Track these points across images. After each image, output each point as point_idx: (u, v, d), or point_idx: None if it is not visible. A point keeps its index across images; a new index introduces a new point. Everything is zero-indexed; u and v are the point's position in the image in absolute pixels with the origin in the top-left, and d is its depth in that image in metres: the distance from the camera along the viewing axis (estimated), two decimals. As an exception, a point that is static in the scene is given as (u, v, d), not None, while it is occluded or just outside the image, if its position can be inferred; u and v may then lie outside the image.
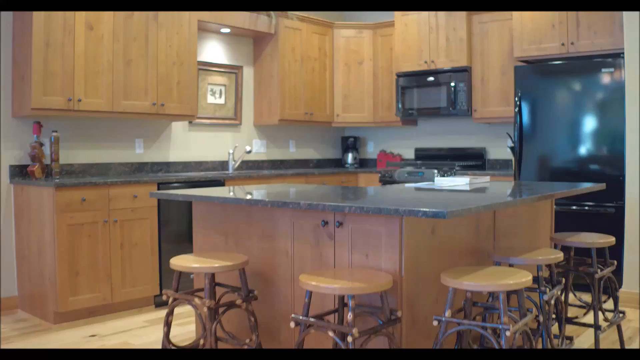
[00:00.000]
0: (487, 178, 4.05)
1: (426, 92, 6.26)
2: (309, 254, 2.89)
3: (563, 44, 5.21)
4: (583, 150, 5.01)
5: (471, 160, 6.40)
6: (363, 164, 7.35)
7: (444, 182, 3.88)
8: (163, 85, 5.18)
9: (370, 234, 2.64)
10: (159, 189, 4.82)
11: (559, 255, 2.97)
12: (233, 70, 6.18)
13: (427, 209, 2.24)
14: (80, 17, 4.64)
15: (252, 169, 6.38)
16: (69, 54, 4.58)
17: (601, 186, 3.82)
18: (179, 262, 2.91)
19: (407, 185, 3.66)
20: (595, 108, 4.95)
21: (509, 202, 2.63)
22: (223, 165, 6.14)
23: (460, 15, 5.97)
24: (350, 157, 7.12)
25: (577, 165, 5.04)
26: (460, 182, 3.81)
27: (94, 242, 4.48)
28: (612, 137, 4.88)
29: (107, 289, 4.54)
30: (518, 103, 5.30)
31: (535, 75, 5.23)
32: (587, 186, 3.59)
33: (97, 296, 4.49)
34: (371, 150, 7.32)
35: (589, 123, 4.97)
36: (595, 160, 4.96)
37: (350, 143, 7.14)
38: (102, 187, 4.50)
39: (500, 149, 6.30)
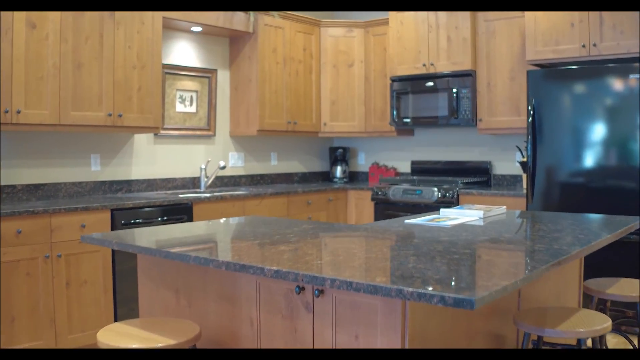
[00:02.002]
0: (503, 208, 3.35)
1: (424, 98, 5.56)
2: (279, 327, 2.18)
3: (584, 46, 4.52)
4: (607, 168, 4.32)
5: (475, 175, 5.71)
6: (353, 177, 6.64)
7: (451, 214, 3.18)
8: (121, 92, 4.46)
9: (360, 307, 1.94)
10: (112, 216, 4.10)
11: (606, 325, 2.27)
12: (206, 74, 5.45)
13: (444, 294, 1.53)
14: (20, 14, 3.90)
15: (227, 186, 5.66)
16: (6, 57, 3.85)
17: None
18: (108, 337, 2.19)
19: (407, 221, 2.97)
20: (621, 119, 4.26)
21: (550, 266, 1.93)
22: (194, 182, 5.41)
23: (464, 12, 5.26)
24: (339, 171, 6.40)
25: (600, 185, 4.35)
26: (471, 215, 3.12)
27: (33, 282, 3.75)
28: (641, 154, 4.19)
29: (50, 335, 3.81)
30: (531, 112, 4.61)
31: (552, 81, 4.54)
32: (631, 224, 2.89)
33: (38, 345, 3.76)
34: (362, 163, 6.61)
35: (615, 137, 4.29)
36: (621, 179, 4.27)
37: (339, 155, 6.43)
38: (42, 216, 3.77)
39: (507, 164, 5.61)
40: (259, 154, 5.98)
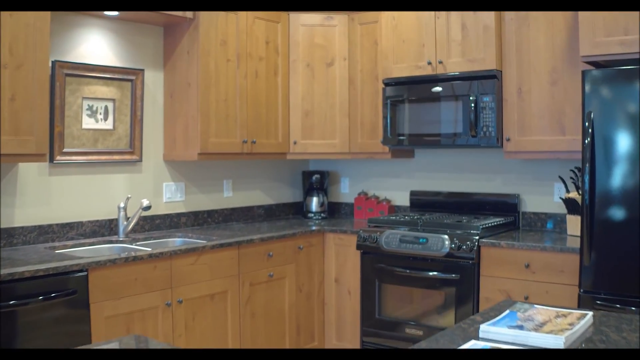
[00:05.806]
0: (589, 317, 1.88)
1: (429, 108, 4.09)
2: None
3: (669, 34, 3.08)
4: None
5: (497, 213, 4.24)
6: (334, 211, 5.14)
7: (501, 338, 1.71)
8: (-20, 104, 2.96)
9: None
10: (-54, 300, 2.59)
11: None
12: (127, 77, 3.94)
13: None
14: None
15: (160, 229, 4.15)
16: None
17: None
18: None
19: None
20: None
21: None
22: (111, 226, 3.90)
23: (484, -10, 3.80)
24: (314, 203, 4.91)
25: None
26: (543, 343, 1.65)
27: None
28: None
29: None
30: (589, 130, 3.16)
31: (619, 85, 3.10)
32: None
33: None
34: (346, 191, 5.12)
35: None
36: None
37: (316, 181, 4.93)
38: None
39: (542, 198, 4.15)
40: (206, 183, 4.48)
